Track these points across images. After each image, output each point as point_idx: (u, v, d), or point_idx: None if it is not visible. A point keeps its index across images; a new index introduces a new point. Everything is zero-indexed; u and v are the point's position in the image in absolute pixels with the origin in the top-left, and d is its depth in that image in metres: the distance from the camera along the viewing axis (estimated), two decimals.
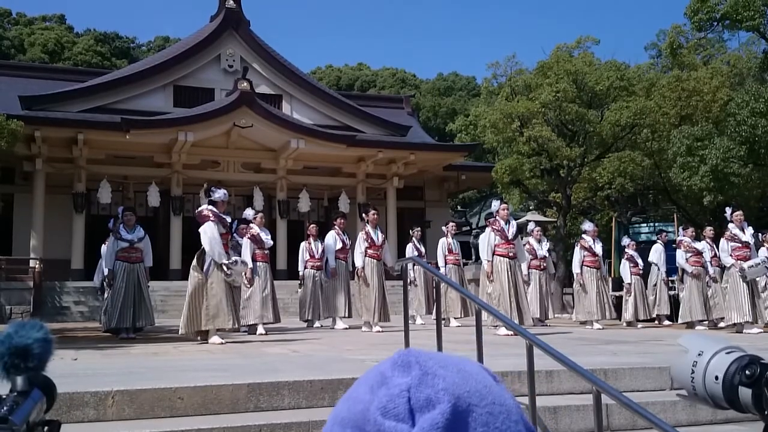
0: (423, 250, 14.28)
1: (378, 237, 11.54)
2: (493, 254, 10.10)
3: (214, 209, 8.92)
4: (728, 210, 11.81)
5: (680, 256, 13.04)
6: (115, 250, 10.56)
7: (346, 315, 12.27)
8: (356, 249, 11.52)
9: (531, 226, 14.15)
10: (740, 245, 11.26)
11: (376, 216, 11.82)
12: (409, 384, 0.59)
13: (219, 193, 9.11)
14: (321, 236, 12.96)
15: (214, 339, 8.47)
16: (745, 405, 1.00)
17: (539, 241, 14.19)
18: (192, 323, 8.60)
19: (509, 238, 10.13)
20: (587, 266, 12.96)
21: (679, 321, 13.10)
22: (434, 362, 0.61)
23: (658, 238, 14.85)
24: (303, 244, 13.16)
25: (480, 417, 0.59)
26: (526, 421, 0.64)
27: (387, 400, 0.58)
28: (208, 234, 8.62)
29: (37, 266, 19.69)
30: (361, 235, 11.53)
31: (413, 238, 14.23)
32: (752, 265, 10.93)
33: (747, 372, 1.00)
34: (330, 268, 12.26)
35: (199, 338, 8.72)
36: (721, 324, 12.18)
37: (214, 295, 8.53)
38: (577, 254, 13.13)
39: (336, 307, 12.26)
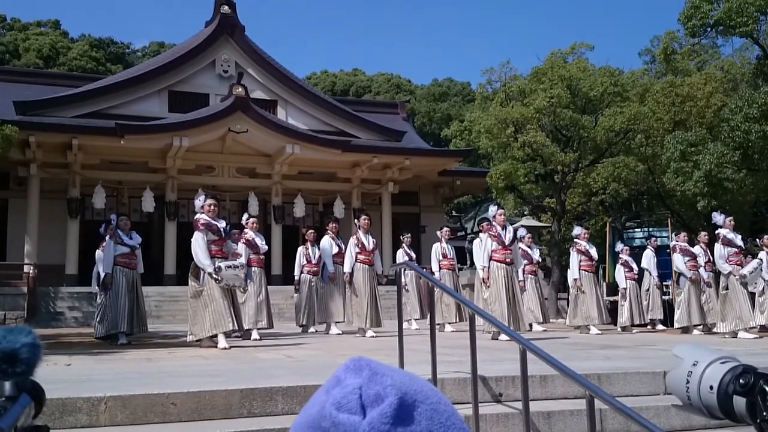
0: (414, 255, 14.31)
1: (369, 242, 11.51)
2: (490, 260, 10.07)
3: (205, 216, 8.98)
4: (716, 215, 11.81)
5: (679, 260, 12.95)
6: (114, 254, 10.52)
7: (342, 320, 12.24)
8: (347, 254, 11.51)
9: (522, 231, 14.04)
10: (737, 250, 11.31)
11: (367, 221, 11.78)
12: (360, 383, 0.66)
13: (196, 200, 9.28)
14: (318, 241, 12.95)
15: (222, 343, 8.55)
16: (740, 414, 1.01)
17: (529, 247, 14.13)
18: (199, 331, 8.75)
19: (506, 243, 10.11)
20: (584, 270, 12.74)
21: (675, 325, 13.05)
22: (384, 367, 0.68)
23: (647, 244, 14.87)
24: (300, 249, 13.13)
25: (425, 412, 0.66)
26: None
27: (341, 397, 0.65)
28: (193, 244, 8.88)
29: (31, 272, 19.65)
30: (352, 240, 11.50)
31: (404, 244, 14.32)
32: (752, 271, 11.06)
33: (741, 381, 1.01)
34: (329, 273, 12.25)
35: (207, 344, 8.75)
36: (716, 329, 12.19)
37: (213, 300, 8.63)
38: (574, 259, 12.81)
39: (331, 312, 12.24)
